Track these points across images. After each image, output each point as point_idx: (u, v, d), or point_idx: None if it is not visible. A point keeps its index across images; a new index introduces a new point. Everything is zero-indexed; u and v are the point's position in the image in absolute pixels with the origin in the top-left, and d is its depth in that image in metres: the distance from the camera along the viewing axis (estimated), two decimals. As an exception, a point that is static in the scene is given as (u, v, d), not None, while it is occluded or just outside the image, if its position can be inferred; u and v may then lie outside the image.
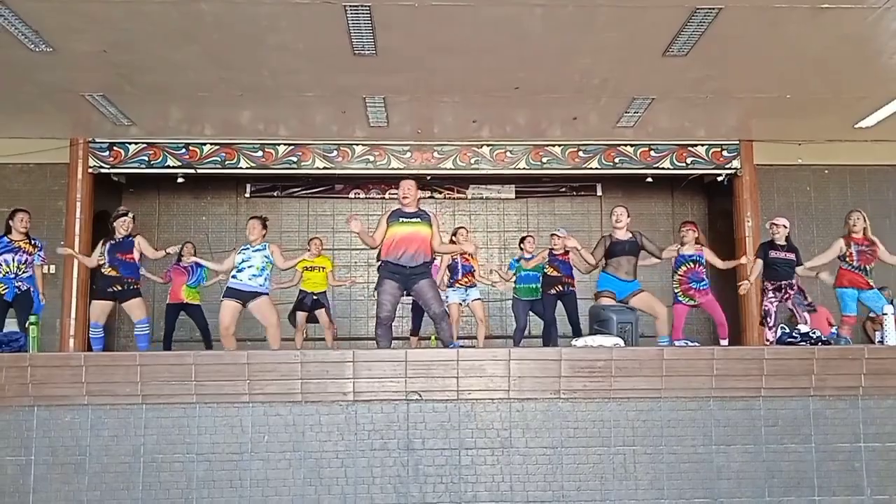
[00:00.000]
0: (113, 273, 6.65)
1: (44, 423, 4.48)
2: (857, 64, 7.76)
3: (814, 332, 5.42)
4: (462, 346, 5.47)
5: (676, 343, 6.81)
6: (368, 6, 6.43)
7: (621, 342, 5.07)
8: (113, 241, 6.75)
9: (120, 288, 6.66)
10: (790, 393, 4.65)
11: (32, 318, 5.77)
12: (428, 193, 11.34)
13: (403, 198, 5.75)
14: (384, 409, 4.55)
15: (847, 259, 6.66)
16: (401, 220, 5.68)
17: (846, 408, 4.67)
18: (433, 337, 8.80)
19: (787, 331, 5.68)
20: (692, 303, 6.93)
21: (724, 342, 6.94)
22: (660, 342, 6.53)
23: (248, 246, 6.51)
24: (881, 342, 5.79)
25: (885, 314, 5.68)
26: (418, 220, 5.68)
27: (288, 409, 4.53)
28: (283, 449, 4.49)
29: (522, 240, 8.57)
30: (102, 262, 6.68)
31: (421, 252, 5.60)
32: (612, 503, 4.51)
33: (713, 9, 6.55)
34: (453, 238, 7.91)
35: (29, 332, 5.46)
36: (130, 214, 6.94)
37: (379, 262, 5.74)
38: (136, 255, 6.76)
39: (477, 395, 4.58)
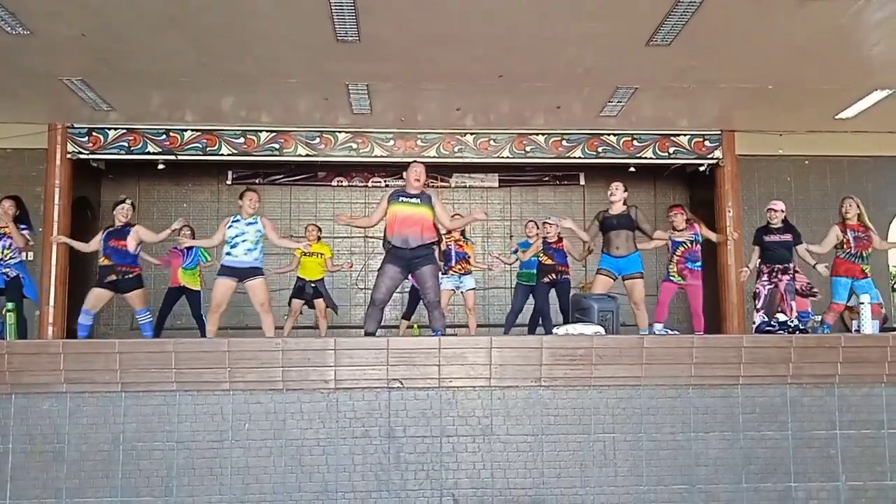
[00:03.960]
0: (106, 262, 6.59)
1: (21, 410, 4.44)
2: (838, 55, 7.81)
3: (791, 321, 5.48)
4: (443, 334, 5.48)
5: (656, 328, 6.88)
6: (351, -8, 6.39)
7: (602, 330, 5.10)
8: (111, 229, 6.70)
9: (116, 278, 6.58)
10: (768, 381, 4.70)
11: (10, 305, 5.71)
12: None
13: (416, 180, 5.66)
14: (365, 397, 4.55)
15: (844, 246, 6.74)
16: (401, 198, 5.63)
17: (822, 395, 4.73)
18: (416, 325, 8.82)
19: (766, 319, 5.74)
20: (682, 282, 6.98)
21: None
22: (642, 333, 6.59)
23: (240, 218, 6.36)
24: (857, 331, 5.86)
25: (862, 303, 5.75)
26: (418, 200, 5.62)
27: (269, 396, 4.52)
28: (263, 437, 4.48)
29: (527, 225, 8.60)
30: (100, 248, 6.68)
31: (421, 234, 5.55)
32: (591, 489, 4.55)
33: (696, -1, 6.57)
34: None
35: (6, 319, 5.40)
36: (129, 201, 6.87)
37: (384, 242, 5.73)
38: (130, 244, 6.65)
39: (458, 383, 4.59)
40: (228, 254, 6.31)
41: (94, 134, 10.07)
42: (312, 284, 8.41)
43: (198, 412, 4.48)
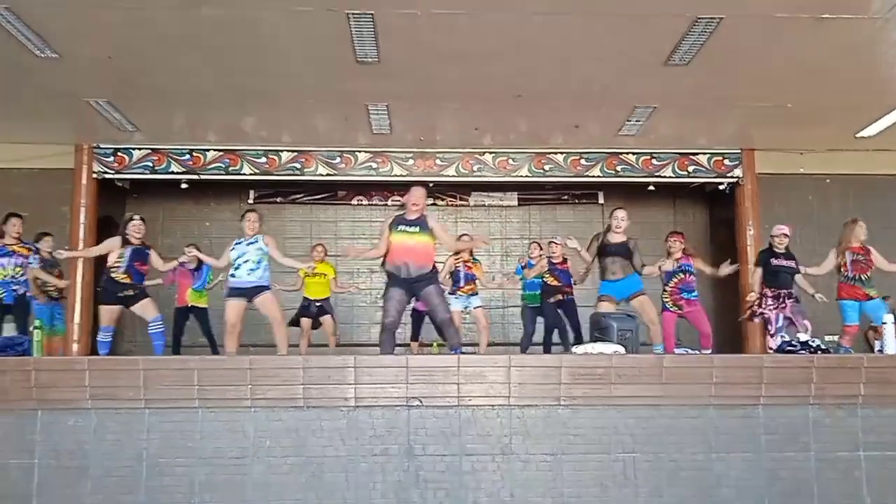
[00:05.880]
0: (126, 280, 6.49)
1: (47, 426, 4.51)
2: (858, 73, 7.78)
3: (813, 341, 5.44)
4: (463, 352, 5.49)
5: (677, 350, 6.83)
6: (371, 14, 6.47)
7: (622, 349, 5.09)
8: (133, 248, 6.57)
9: (131, 293, 6.52)
10: (789, 401, 4.67)
11: (37, 323, 5.81)
12: (430, 201, 11.35)
13: (413, 205, 5.70)
14: (385, 415, 4.58)
15: (842, 269, 6.70)
16: (400, 227, 5.65)
17: (845, 416, 4.69)
18: (435, 343, 8.82)
19: (787, 339, 5.70)
20: (680, 311, 6.96)
21: (707, 352, 6.96)
22: (655, 350, 6.54)
23: (241, 241, 6.43)
24: (881, 351, 5.80)
25: (885, 323, 5.70)
26: (417, 228, 5.62)
27: (290, 414, 4.56)
28: (284, 454, 4.52)
29: (530, 245, 8.60)
30: (120, 264, 6.44)
31: (420, 264, 5.58)
32: (611, 510, 4.52)
33: (715, 18, 6.58)
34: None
35: (33, 337, 5.49)
36: (139, 217, 6.80)
37: (383, 268, 5.76)
38: (148, 268, 6.71)
39: (477, 402, 4.60)
40: (233, 275, 6.37)
41: (119, 154, 10.22)
42: (317, 304, 8.46)
43: (220, 429, 4.53)
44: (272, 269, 6.61)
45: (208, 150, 10.31)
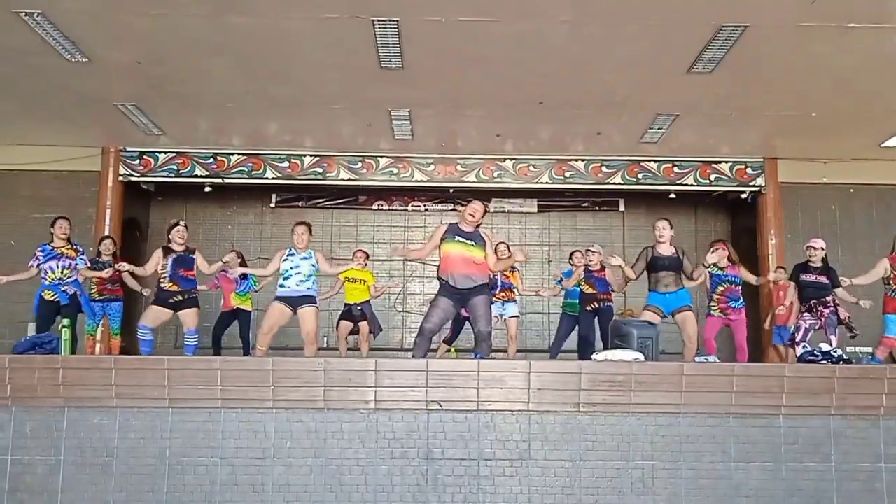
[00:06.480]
0: (174, 288, 6.67)
1: (73, 423, 4.60)
2: (883, 83, 7.72)
3: (835, 351, 5.40)
4: (483, 358, 5.51)
5: (697, 359, 6.78)
6: (396, 20, 6.54)
7: (641, 357, 5.09)
8: (175, 256, 6.76)
9: (181, 299, 6.70)
10: (811, 411, 4.64)
11: (66, 322, 5.92)
12: (451, 206, 11.43)
13: (469, 215, 5.76)
14: (405, 418, 4.61)
15: (891, 282, 6.60)
16: (457, 238, 5.70)
17: (867, 427, 4.65)
18: (453, 349, 8.85)
19: (809, 349, 5.66)
20: (725, 318, 6.87)
21: None
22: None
23: (295, 253, 6.52)
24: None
25: None
26: (473, 242, 5.68)
27: (310, 415, 4.61)
28: (304, 455, 4.57)
29: (571, 254, 8.59)
30: (164, 274, 6.68)
31: (475, 275, 5.61)
32: (629, 517, 4.52)
33: (739, 27, 6.57)
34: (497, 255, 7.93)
35: (61, 335, 5.59)
36: (182, 223, 6.98)
37: (439, 277, 5.80)
38: (194, 272, 6.87)
39: (497, 407, 4.62)
40: (282, 286, 6.46)
41: (145, 157, 10.39)
42: (359, 307, 8.53)
43: (241, 429, 4.59)
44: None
45: (232, 154, 10.45)
